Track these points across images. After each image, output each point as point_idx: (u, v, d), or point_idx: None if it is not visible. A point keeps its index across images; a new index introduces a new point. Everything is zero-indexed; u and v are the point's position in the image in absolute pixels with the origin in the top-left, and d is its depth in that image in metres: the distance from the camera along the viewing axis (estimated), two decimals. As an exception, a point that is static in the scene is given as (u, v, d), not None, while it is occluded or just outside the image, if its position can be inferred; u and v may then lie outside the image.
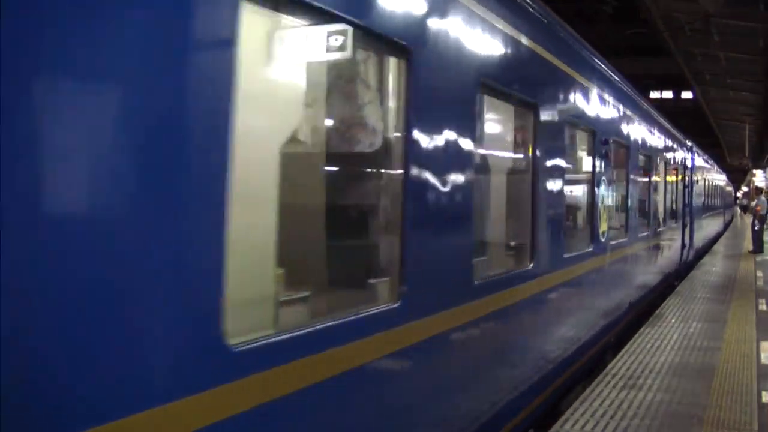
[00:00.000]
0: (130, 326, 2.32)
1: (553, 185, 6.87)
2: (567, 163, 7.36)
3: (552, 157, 6.74)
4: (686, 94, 47.82)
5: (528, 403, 6.25)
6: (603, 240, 8.82)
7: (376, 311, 3.80)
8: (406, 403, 4.15)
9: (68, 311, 2.12)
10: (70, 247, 2.12)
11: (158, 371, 2.44)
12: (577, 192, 8.67)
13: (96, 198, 2.23)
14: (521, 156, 6.59)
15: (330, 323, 3.36)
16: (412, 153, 4.02)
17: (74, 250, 2.13)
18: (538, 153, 6.31)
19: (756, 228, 24.55)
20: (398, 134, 4.13)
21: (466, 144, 4.67)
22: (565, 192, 7.29)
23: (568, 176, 7.34)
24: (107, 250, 2.23)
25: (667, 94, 50.77)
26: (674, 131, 17.03)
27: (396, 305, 3.90)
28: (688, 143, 19.38)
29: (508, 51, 5.50)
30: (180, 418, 2.45)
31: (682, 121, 20.86)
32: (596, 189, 8.60)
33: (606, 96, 8.98)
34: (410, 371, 4.18)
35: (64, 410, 2.13)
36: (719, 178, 37.29)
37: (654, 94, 44.20)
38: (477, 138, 4.94)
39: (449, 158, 4.45)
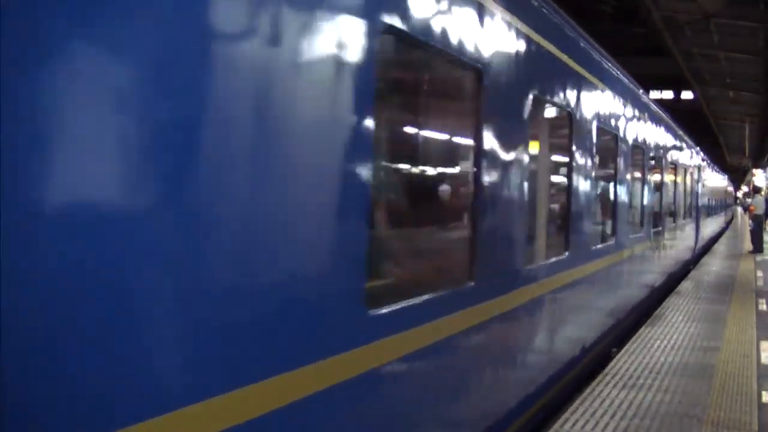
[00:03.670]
0: None
1: None
2: None
3: None
4: (686, 94, 47.73)
5: None
6: None
7: None
8: None
9: None
10: None
11: None
12: None
13: None
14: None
15: None
16: None
17: None
18: None
19: (751, 228, 24.53)
20: None
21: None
22: None
23: None
24: None
25: (667, 94, 50.69)
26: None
27: None
28: None
29: None
30: None
31: (682, 121, 20.81)
32: None
33: None
34: None
35: None
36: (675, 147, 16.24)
37: (654, 94, 44.17)
38: None
39: None
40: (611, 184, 9.71)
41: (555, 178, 7.55)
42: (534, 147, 6.14)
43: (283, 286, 2.98)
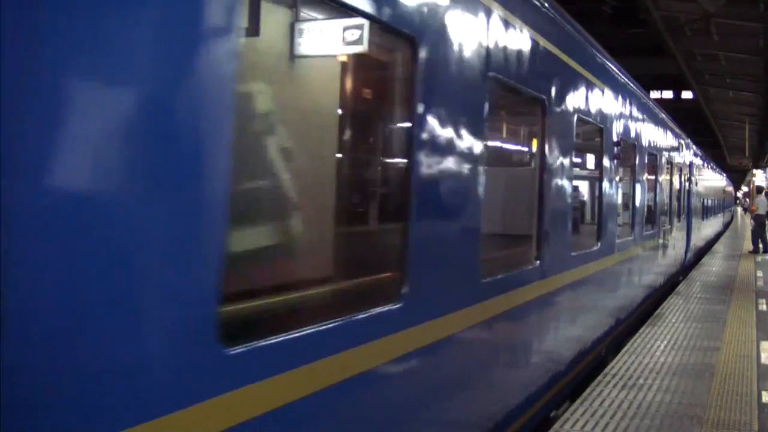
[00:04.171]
0: None
1: None
2: None
3: None
4: (686, 94, 47.81)
5: None
6: None
7: None
8: None
9: None
10: None
11: None
12: None
13: None
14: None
15: None
16: None
17: None
18: None
19: (753, 228, 24.51)
20: None
21: None
22: None
23: None
24: None
25: (667, 94, 50.76)
26: None
27: None
28: None
29: None
30: None
31: (682, 121, 20.80)
32: None
33: None
34: None
35: None
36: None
37: (654, 94, 44.16)
38: None
39: None
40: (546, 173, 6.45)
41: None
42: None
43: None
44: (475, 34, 4.71)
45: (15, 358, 1.93)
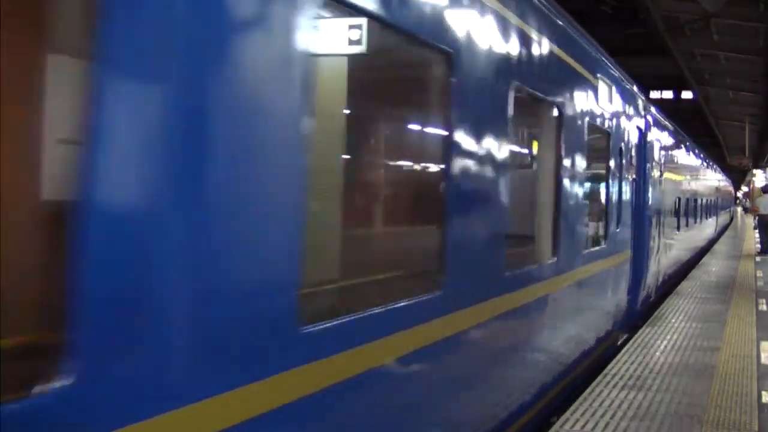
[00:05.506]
0: None
1: None
2: None
3: None
4: (686, 94, 47.75)
5: None
6: None
7: None
8: None
9: None
10: None
11: None
12: None
13: None
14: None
15: None
16: None
17: None
18: None
19: (755, 228, 24.46)
20: None
21: None
22: None
23: None
24: None
25: (667, 94, 50.69)
26: None
27: None
28: None
29: None
30: None
31: (682, 121, 20.73)
32: None
33: None
34: None
35: None
36: None
37: (654, 94, 44.10)
38: None
39: None
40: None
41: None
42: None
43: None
44: None
45: None
